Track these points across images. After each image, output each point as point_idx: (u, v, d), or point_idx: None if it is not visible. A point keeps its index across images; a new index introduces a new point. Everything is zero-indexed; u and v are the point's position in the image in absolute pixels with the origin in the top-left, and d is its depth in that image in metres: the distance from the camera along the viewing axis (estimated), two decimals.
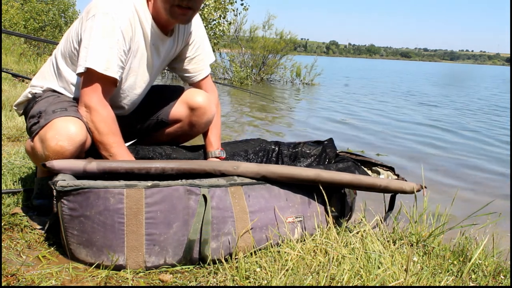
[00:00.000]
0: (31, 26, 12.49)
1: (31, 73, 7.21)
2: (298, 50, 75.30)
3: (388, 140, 5.07)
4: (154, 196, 1.32)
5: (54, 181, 1.31)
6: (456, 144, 5.15)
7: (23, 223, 1.58)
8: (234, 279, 1.29)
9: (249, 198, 1.48)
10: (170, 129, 1.92)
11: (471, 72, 51.91)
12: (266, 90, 10.75)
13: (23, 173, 2.10)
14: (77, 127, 1.45)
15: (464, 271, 1.40)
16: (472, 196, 3.10)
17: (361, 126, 5.99)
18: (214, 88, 1.96)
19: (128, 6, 1.55)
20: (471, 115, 8.21)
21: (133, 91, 1.72)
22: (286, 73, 14.30)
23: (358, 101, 9.55)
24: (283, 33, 13.71)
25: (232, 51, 13.69)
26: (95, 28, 1.49)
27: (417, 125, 6.47)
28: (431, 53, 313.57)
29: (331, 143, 2.08)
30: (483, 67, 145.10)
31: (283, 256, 1.39)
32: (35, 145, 1.49)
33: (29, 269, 1.30)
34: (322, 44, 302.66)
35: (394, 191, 1.69)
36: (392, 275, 1.28)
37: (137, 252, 1.32)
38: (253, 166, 1.52)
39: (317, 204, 1.63)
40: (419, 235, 1.64)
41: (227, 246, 1.41)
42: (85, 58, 1.48)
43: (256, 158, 2.04)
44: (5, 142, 2.84)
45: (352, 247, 1.44)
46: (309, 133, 5.28)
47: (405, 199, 1.78)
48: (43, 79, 1.70)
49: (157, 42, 1.67)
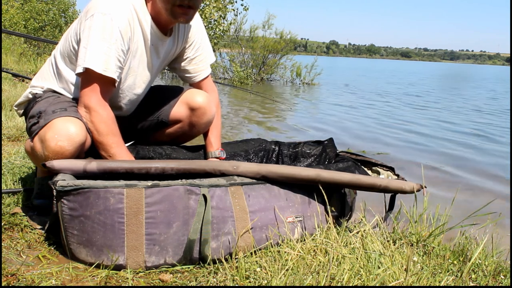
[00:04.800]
0: (31, 26, 12.50)
1: (31, 73, 7.21)
2: (298, 50, 75.35)
3: (389, 140, 5.06)
4: (154, 196, 1.32)
5: (54, 181, 1.31)
6: (456, 144, 5.14)
7: (23, 223, 1.58)
8: (234, 279, 1.29)
9: (249, 198, 1.48)
10: (170, 130, 1.92)
11: (472, 72, 51.92)
12: (266, 90, 10.75)
13: (23, 173, 2.10)
14: (77, 127, 1.45)
15: (464, 271, 1.40)
16: (472, 196, 3.09)
17: (361, 126, 5.99)
18: (214, 88, 1.96)
19: (127, 6, 1.55)
20: (473, 115, 8.20)
21: (133, 91, 1.72)
22: (286, 73, 14.30)
23: (358, 101, 9.55)
24: (283, 33, 13.72)
25: (232, 51, 13.70)
26: (93, 28, 1.49)
27: (417, 124, 6.47)
28: (431, 53, 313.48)
29: (331, 143, 2.08)
30: (484, 67, 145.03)
31: (283, 256, 1.39)
32: (35, 145, 1.49)
33: (29, 268, 1.30)
34: (322, 44, 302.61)
35: (394, 191, 1.70)
36: (392, 275, 1.28)
37: (137, 252, 1.32)
38: (253, 166, 1.52)
39: (317, 204, 1.63)
40: (419, 235, 1.64)
41: (227, 246, 1.41)
42: (83, 58, 1.48)
43: (256, 158, 2.04)
44: (5, 142, 2.84)
45: (352, 247, 1.44)
46: (309, 133, 5.28)
47: (405, 199, 1.78)
48: (43, 80, 1.70)
49: (156, 42, 1.67)
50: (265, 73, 13.69)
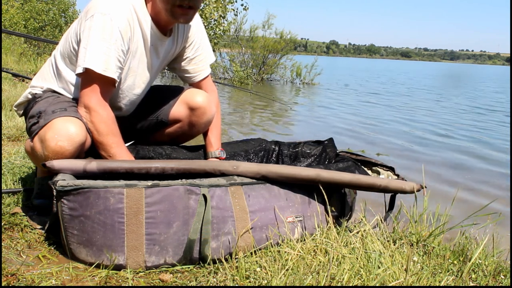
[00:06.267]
0: (31, 26, 12.50)
1: (31, 73, 7.21)
2: (298, 50, 75.29)
3: (389, 140, 5.06)
4: (154, 195, 1.32)
5: (54, 181, 1.31)
6: (457, 144, 5.14)
7: (23, 222, 1.58)
8: (234, 279, 1.29)
9: (249, 197, 1.48)
10: (170, 129, 1.92)
11: (473, 72, 51.92)
12: (266, 90, 10.75)
13: (23, 172, 2.10)
14: (77, 127, 1.45)
15: (464, 271, 1.40)
16: (472, 196, 3.09)
17: (362, 126, 5.99)
18: (214, 88, 1.96)
19: (127, 6, 1.55)
20: (475, 115, 8.21)
21: (132, 91, 1.72)
22: (286, 73, 14.29)
23: (359, 101, 9.55)
24: (283, 33, 13.70)
25: (232, 51, 13.68)
26: (93, 29, 1.49)
27: (417, 124, 6.47)
28: (431, 53, 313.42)
29: (331, 143, 2.08)
30: (485, 67, 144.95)
31: (283, 256, 1.39)
32: (35, 145, 1.49)
33: (29, 268, 1.30)
34: (322, 43, 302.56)
35: (394, 190, 1.70)
36: (392, 274, 1.28)
37: (137, 252, 1.32)
38: (253, 165, 1.52)
39: (317, 204, 1.63)
40: (419, 234, 1.64)
41: (227, 246, 1.41)
42: (83, 59, 1.48)
43: (256, 158, 2.04)
44: (5, 142, 2.84)
45: (352, 247, 1.44)
46: (309, 133, 5.28)
47: (405, 199, 1.78)
48: (43, 80, 1.70)
49: (156, 42, 1.67)
50: (265, 73, 13.69)
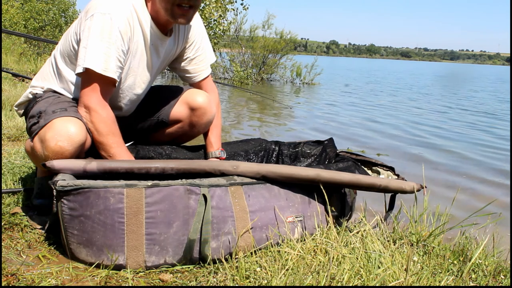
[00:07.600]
0: (31, 26, 12.49)
1: (31, 73, 7.21)
2: (298, 50, 75.23)
3: (389, 140, 5.06)
4: (154, 195, 1.32)
5: (54, 180, 1.31)
6: (457, 144, 5.14)
7: (23, 222, 1.58)
8: (234, 279, 1.29)
9: (249, 197, 1.48)
10: (171, 130, 1.92)
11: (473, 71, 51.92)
12: (266, 90, 10.74)
13: (23, 172, 2.10)
14: (77, 127, 1.45)
15: (464, 270, 1.40)
16: (472, 196, 3.09)
17: (362, 126, 5.99)
18: (215, 88, 1.96)
19: (127, 6, 1.55)
20: (475, 115, 8.21)
21: (133, 91, 1.72)
22: (286, 73, 14.29)
23: (359, 101, 9.55)
24: (283, 33, 13.70)
25: (232, 51, 13.68)
26: (93, 28, 1.49)
27: (417, 124, 6.47)
28: (431, 53, 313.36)
29: (331, 143, 2.08)
30: (485, 67, 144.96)
31: (283, 256, 1.39)
32: (35, 145, 1.49)
33: (29, 268, 1.30)
34: (322, 43, 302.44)
35: (394, 190, 1.70)
36: (392, 274, 1.28)
37: (137, 252, 1.32)
38: (253, 165, 1.52)
39: (317, 204, 1.63)
40: (419, 234, 1.64)
41: (227, 246, 1.41)
42: (83, 59, 1.48)
43: (256, 158, 2.05)
44: (5, 141, 2.84)
45: (352, 247, 1.44)
46: (309, 133, 5.28)
47: (405, 199, 1.77)
48: (43, 80, 1.70)
49: (156, 42, 1.67)
50: (265, 73, 13.68)
